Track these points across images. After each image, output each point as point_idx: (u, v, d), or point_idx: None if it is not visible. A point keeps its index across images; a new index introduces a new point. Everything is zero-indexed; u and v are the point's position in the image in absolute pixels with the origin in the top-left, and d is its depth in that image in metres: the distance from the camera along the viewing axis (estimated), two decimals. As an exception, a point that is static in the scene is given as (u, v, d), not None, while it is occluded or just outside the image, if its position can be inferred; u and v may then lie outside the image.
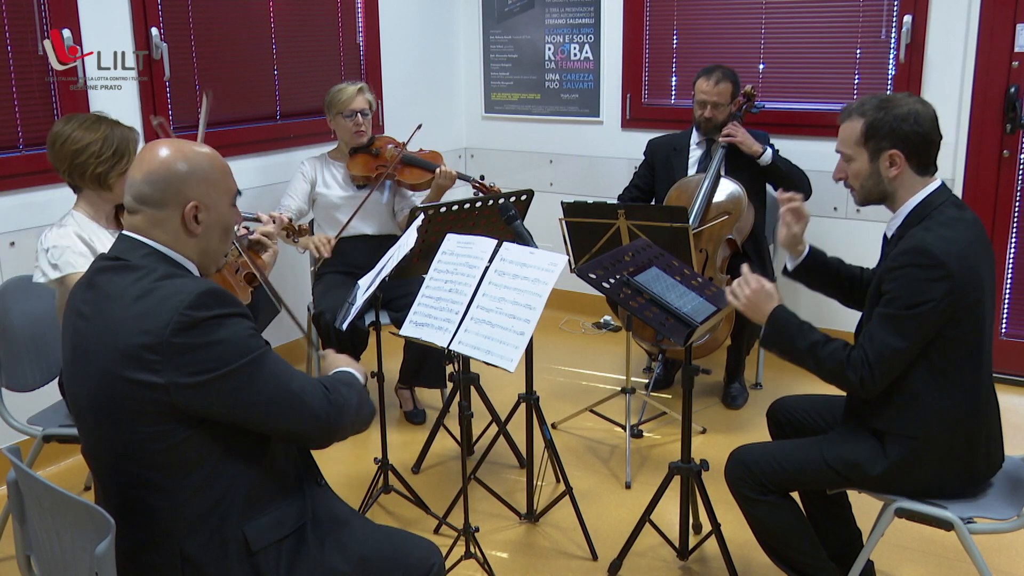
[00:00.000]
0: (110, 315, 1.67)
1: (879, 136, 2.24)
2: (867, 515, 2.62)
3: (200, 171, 1.76)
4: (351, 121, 3.77)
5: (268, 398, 1.69)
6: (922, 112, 2.23)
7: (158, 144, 1.77)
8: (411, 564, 1.90)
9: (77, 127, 2.66)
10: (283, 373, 1.72)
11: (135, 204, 1.75)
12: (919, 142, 2.23)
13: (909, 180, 2.27)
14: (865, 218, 4.21)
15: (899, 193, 2.28)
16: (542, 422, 3.05)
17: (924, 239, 2.16)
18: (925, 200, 2.26)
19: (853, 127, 2.28)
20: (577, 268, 2.49)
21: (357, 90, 3.78)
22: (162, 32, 3.68)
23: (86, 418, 1.74)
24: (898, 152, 2.23)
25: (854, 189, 2.35)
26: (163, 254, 1.75)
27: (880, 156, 2.25)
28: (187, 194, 1.74)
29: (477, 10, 5.26)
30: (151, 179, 1.73)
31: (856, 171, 2.31)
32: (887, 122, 2.22)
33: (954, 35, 4.02)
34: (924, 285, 2.12)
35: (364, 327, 3.55)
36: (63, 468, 3.50)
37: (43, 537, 1.75)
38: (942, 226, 2.19)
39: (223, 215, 1.82)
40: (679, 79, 4.76)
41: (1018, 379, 4.16)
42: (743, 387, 4.08)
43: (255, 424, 1.70)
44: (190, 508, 1.69)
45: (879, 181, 2.28)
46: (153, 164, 1.74)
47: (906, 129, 2.21)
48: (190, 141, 1.83)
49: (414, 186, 3.86)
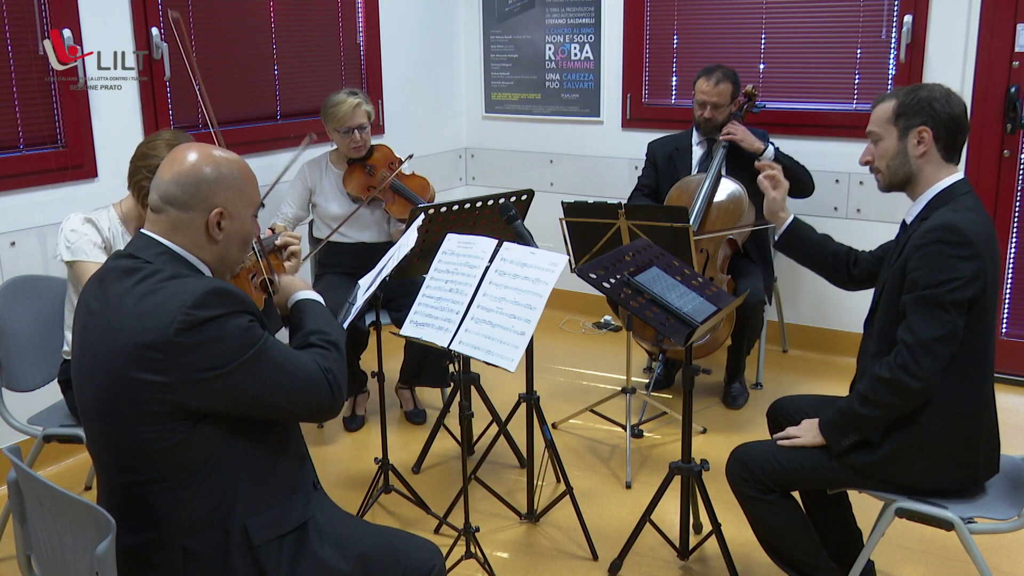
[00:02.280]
0: (116, 313, 1.68)
1: (911, 113, 2.28)
2: (867, 515, 2.62)
3: (229, 179, 1.77)
4: (348, 138, 3.71)
5: (273, 388, 1.71)
6: (954, 96, 2.28)
7: (190, 147, 1.79)
8: (411, 564, 1.90)
9: (164, 141, 2.67)
10: (285, 360, 1.75)
11: (160, 203, 1.76)
12: (949, 122, 2.26)
13: (934, 163, 2.28)
14: (865, 218, 4.21)
15: (923, 175, 2.29)
16: (542, 422, 3.05)
17: (953, 218, 2.18)
18: (948, 188, 2.28)
19: (886, 107, 2.33)
20: (577, 268, 2.48)
21: (354, 105, 3.66)
22: (162, 32, 3.68)
23: (91, 415, 1.75)
24: (927, 128, 2.26)
25: (880, 172, 2.36)
26: (177, 254, 1.76)
27: (909, 133, 2.28)
28: (214, 200, 1.75)
29: (477, 10, 5.26)
30: (180, 181, 1.74)
31: (884, 150, 2.33)
32: (920, 99, 2.27)
33: (954, 35, 4.02)
34: (952, 262, 2.13)
35: (365, 327, 3.55)
36: (63, 468, 3.50)
37: (43, 537, 1.76)
38: (968, 209, 2.22)
39: (245, 225, 1.83)
40: (679, 79, 4.76)
41: (1018, 379, 4.16)
42: (743, 387, 4.08)
43: (261, 413, 1.73)
44: (194, 505, 1.70)
45: (905, 160, 2.30)
46: (184, 166, 1.75)
47: (937, 108, 2.26)
48: (219, 147, 1.83)
49: (400, 219, 3.75)
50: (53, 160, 3.39)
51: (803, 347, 4.61)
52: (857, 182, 4.21)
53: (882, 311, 2.32)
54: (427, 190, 3.87)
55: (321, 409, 1.82)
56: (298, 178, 3.85)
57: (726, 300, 2.61)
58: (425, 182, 3.90)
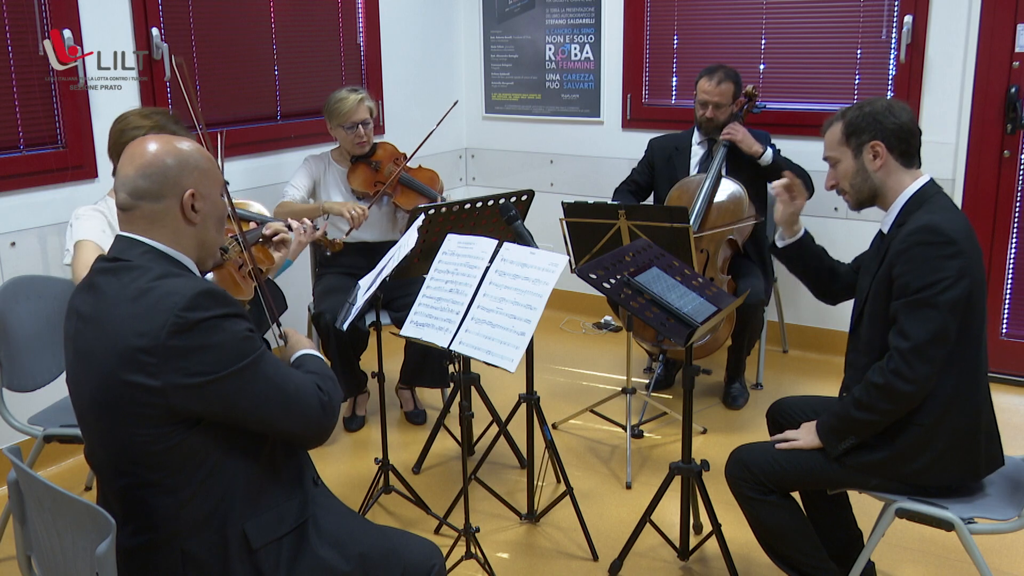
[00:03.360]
0: (108, 316, 1.67)
1: (859, 131, 2.31)
2: (868, 516, 2.62)
3: (192, 160, 1.77)
4: (352, 133, 3.72)
5: (264, 401, 1.70)
6: (896, 105, 2.32)
7: (145, 139, 1.78)
8: (411, 564, 1.90)
9: (137, 114, 2.79)
10: (279, 375, 1.73)
11: (132, 200, 1.74)
12: (897, 131, 2.29)
13: (895, 173, 2.31)
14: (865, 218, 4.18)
15: (888, 186, 2.32)
16: (543, 422, 3.05)
17: (931, 219, 2.19)
18: (918, 192, 2.29)
19: (835, 130, 2.37)
20: (578, 268, 2.48)
21: (358, 101, 3.69)
22: (162, 32, 3.68)
23: (88, 419, 1.74)
24: (879, 142, 2.29)
25: (846, 192, 2.39)
26: (161, 252, 1.74)
27: (863, 150, 2.31)
28: (183, 183, 1.75)
29: (478, 10, 5.26)
30: (146, 172, 1.73)
31: (844, 172, 2.36)
32: (864, 115, 2.31)
33: (955, 35, 4.02)
34: (937, 263, 2.14)
35: (365, 328, 3.55)
36: (64, 468, 3.50)
37: (44, 537, 1.75)
38: (944, 209, 2.23)
39: (217, 203, 1.83)
40: (680, 79, 4.76)
41: (1018, 379, 4.15)
42: (744, 387, 4.08)
43: (251, 425, 1.71)
44: (192, 508, 1.70)
45: (866, 177, 2.33)
46: (146, 158, 1.74)
47: (883, 120, 2.29)
48: (172, 136, 1.83)
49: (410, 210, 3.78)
50: (53, 160, 3.39)
51: (803, 347, 4.61)
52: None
53: (868, 320, 2.33)
54: (436, 182, 3.89)
55: (311, 424, 1.77)
56: (304, 167, 3.84)
57: (726, 300, 2.61)
58: (434, 174, 3.92)
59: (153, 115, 2.78)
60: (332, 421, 1.82)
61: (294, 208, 3.67)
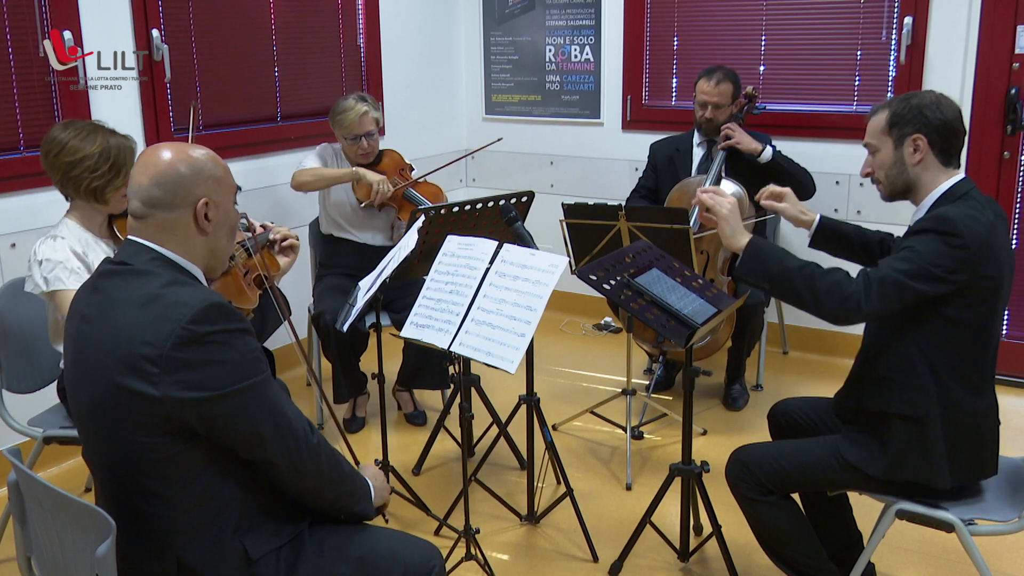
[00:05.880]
0: (113, 320, 1.66)
1: (903, 123, 2.29)
2: (868, 517, 2.62)
3: (206, 169, 1.76)
4: (356, 145, 3.71)
5: (257, 427, 1.68)
6: (945, 101, 2.29)
7: (159, 147, 1.77)
8: (411, 565, 1.89)
9: (73, 136, 2.59)
10: (275, 406, 1.71)
11: (144, 209, 1.73)
12: (941, 128, 2.27)
13: (932, 169, 2.29)
14: (865, 219, 4.20)
15: (922, 181, 2.30)
16: (543, 423, 3.05)
17: (948, 211, 2.20)
18: (950, 190, 2.28)
19: (879, 118, 2.34)
20: (578, 270, 2.48)
21: (362, 113, 3.65)
22: (163, 33, 3.68)
23: (86, 422, 1.73)
24: (921, 136, 2.27)
25: (880, 182, 2.38)
26: (169, 259, 1.73)
27: (904, 142, 2.29)
28: (197, 193, 1.74)
29: (478, 12, 5.27)
30: (160, 181, 1.72)
31: (881, 161, 2.35)
32: (911, 109, 2.29)
33: (954, 37, 4.02)
34: (940, 250, 2.14)
35: (365, 329, 3.54)
36: (64, 469, 3.50)
37: (44, 538, 1.75)
38: (968, 206, 2.22)
39: (229, 212, 1.83)
40: (680, 80, 4.76)
41: (1018, 380, 4.16)
42: (744, 389, 4.08)
43: (238, 447, 1.69)
44: (189, 517, 1.69)
45: (903, 169, 2.31)
46: (160, 167, 1.73)
47: (929, 115, 2.27)
48: (186, 143, 1.83)
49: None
50: (53, 161, 3.39)
51: (803, 349, 4.61)
52: (857, 184, 4.21)
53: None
54: (439, 197, 3.86)
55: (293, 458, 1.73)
56: (317, 153, 3.83)
57: (726, 302, 2.61)
58: (437, 189, 3.89)
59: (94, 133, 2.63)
60: (318, 458, 1.78)
61: (324, 173, 3.66)
